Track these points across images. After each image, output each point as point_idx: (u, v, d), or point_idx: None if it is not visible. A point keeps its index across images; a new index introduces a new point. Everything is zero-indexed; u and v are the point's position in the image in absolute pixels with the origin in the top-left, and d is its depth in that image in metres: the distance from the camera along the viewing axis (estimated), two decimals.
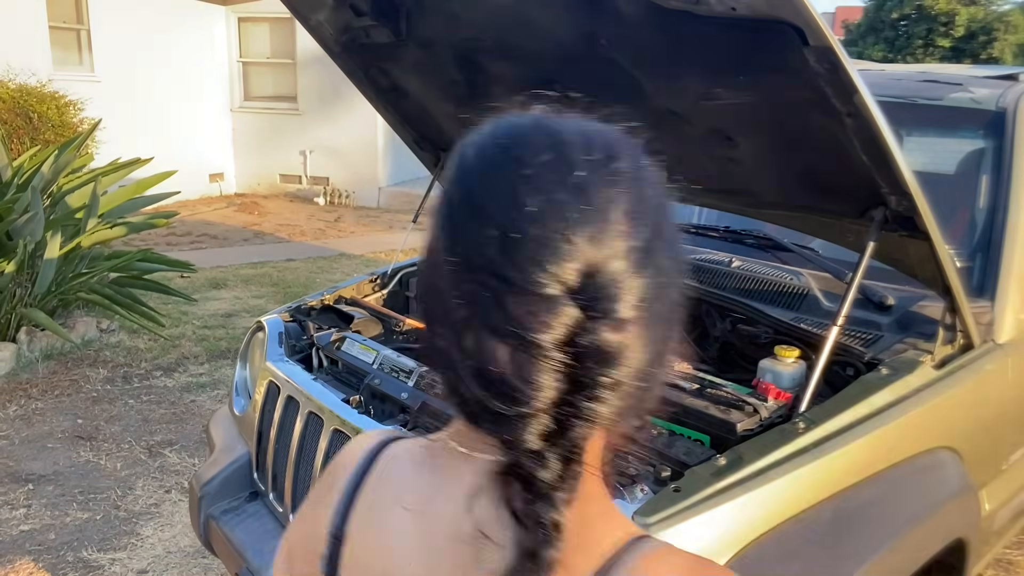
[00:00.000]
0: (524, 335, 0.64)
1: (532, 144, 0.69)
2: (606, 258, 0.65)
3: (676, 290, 0.71)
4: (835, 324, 1.88)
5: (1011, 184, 2.41)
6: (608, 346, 0.65)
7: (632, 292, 0.66)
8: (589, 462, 0.70)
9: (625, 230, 0.66)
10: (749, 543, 1.58)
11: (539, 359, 0.64)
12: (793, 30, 1.54)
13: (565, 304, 0.64)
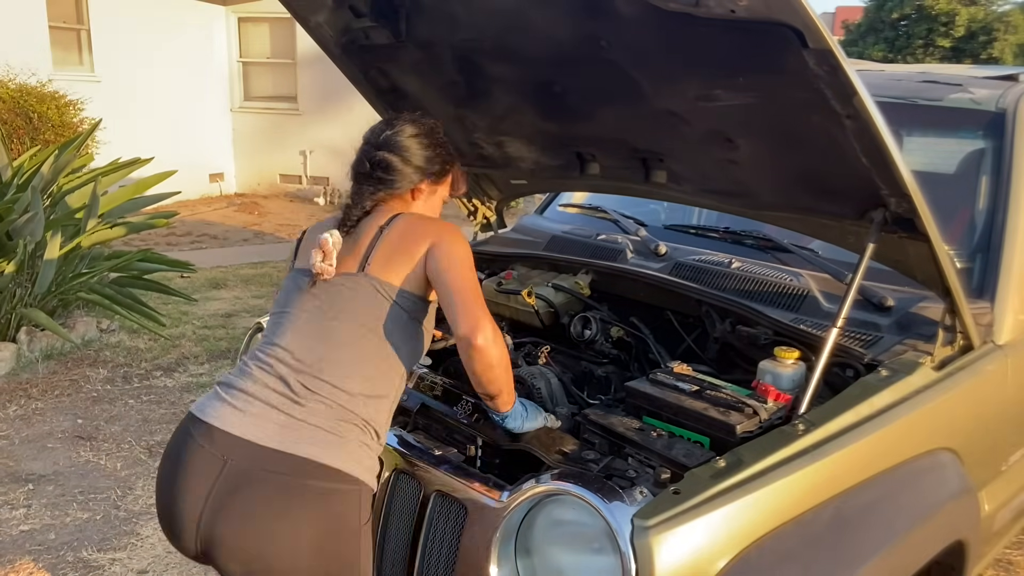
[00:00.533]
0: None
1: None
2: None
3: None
4: (835, 325, 1.88)
5: (1011, 185, 2.41)
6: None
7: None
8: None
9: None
10: (749, 545, 1.58)
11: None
12: (792, 32, 1.54)
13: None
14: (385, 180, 1.85)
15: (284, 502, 1.57)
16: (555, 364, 2.34)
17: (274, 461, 1.58)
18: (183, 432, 1.71)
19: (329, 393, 1.66)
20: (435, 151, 1.90)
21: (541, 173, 2.80)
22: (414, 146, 1.87)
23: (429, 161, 1.88)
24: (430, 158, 1.89)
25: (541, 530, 1.64)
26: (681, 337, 2.45)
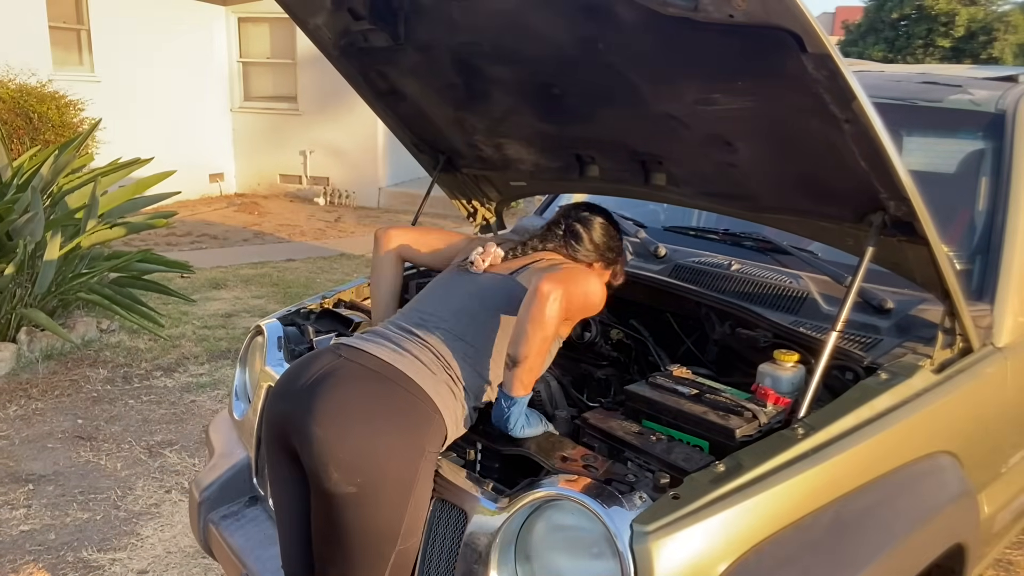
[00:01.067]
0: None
1: None
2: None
3: None
4: (834, 328, 1.88)
5: (1011, 186, 2.41)
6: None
7: None
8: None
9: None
10: (748, 550, 1.58)
11: None
12: (791, 37, 1.53)
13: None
14: (570, 245, 2.18)
15: (375, 388, 1.81)
16: (554, 367, 2.34)
17: (378, 364, 1.84)
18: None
19: (438, 346, 1.92)
20: (614, 243, 2.24)
21: (540, 175, 2.80)
22: (600, 231, 2.21)
23: (608, 249, 2.21)
24: (609, 246, 2.22)
25: (540, 535, 1.64)
26: (680, 339, 2.45)
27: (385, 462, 1.72)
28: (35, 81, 9.00)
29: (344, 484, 1.70)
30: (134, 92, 10.72)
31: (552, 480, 1.66)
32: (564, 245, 2.18)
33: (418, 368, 1.86)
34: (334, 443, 1.71)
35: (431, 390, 1.83)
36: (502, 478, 1.82)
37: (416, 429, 1.78)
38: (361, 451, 1.71)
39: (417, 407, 1.80)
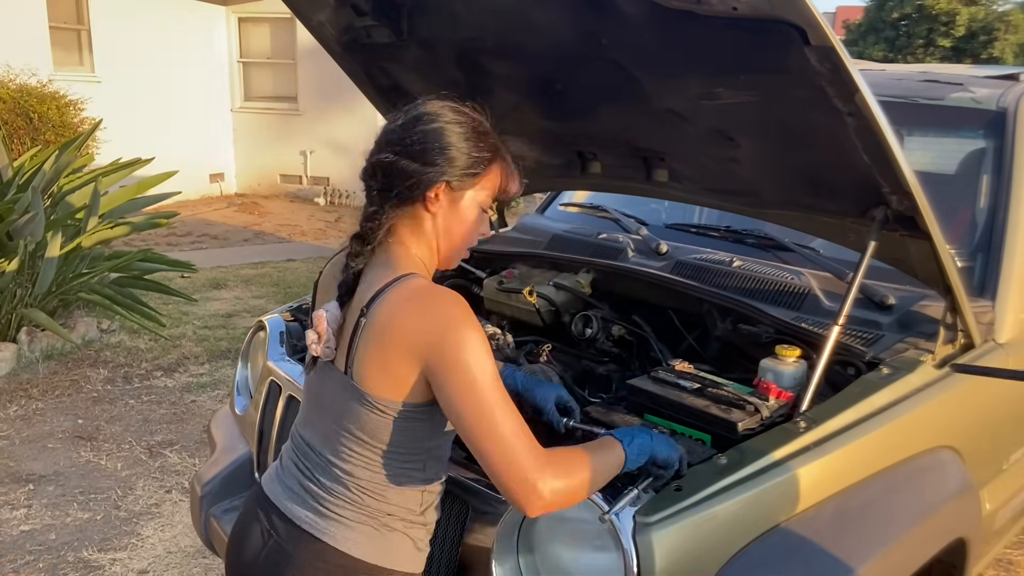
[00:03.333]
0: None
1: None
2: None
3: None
4: (836, 323, 1.88)
5: (1012, 184, 2.42)
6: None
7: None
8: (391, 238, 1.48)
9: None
10: (751, 542, 1.58)
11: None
12: (795, 30, 1.54)
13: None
14: (387, 188, 1.45)
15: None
16: (556, 363, 2.34)
17: (311, 553, 1.48)
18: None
19: (350, 482, 1.48)
20: (467, 141, 1.46)
21: (542, 172, 2.80)
22: (426, 133, 1.44)
23: (446, 153, 1.44)
24: (445, 148, 1.43)
25: (543, 527, 1.64)
26: (682, 336, 2.45)
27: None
28: (35, 81, 9.01)
29: None
30: (134, 92, 10.72)
31: None
32: (384, 197, 1.45)
33: (351, 534, 1.47)
34: None
35: (377, 555, 1.48)
36: None
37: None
38: None
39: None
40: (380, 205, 1.46)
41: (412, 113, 1.46)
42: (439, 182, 1.44)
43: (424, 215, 1.47)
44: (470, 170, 1.46)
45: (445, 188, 1.45)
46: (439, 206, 1.46)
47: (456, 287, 2.89)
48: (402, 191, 1.43)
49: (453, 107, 1.48)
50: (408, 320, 1.37)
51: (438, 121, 1.44)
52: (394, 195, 1.44)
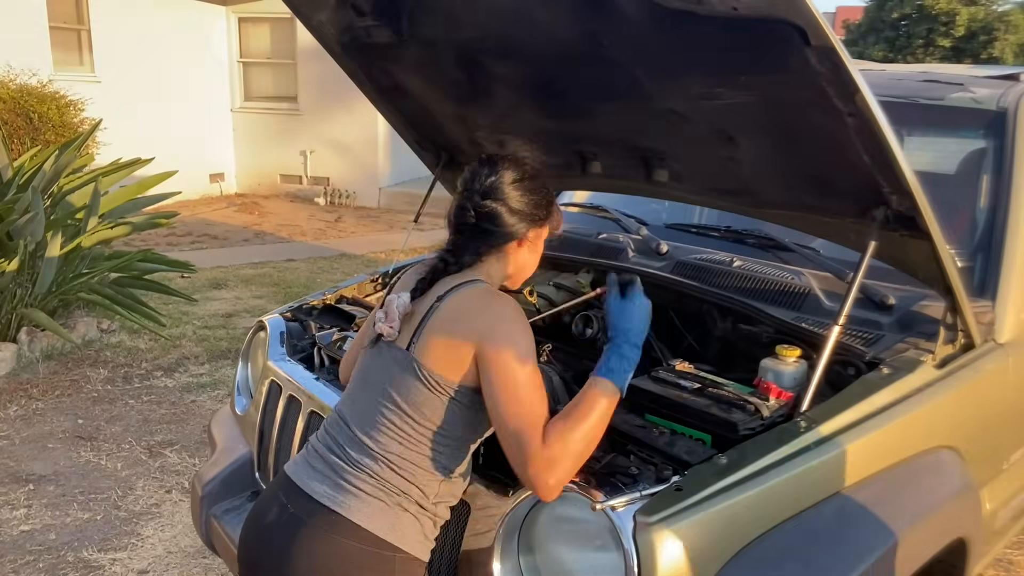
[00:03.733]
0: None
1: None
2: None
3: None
4: (836, 324, 1.88)
5: (1012, 184, 2.42)
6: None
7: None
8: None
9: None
10: (751, 542, 1.58)
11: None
12: (795, 30, 1.54)
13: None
14: (492, 232, 1.70)
15: (327, 559, 1.58)
16: (557, 362, 2.34)
17: (326, 523, 1.59)
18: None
19: (377, 459, 1.62)
20: (539, 196, 1.75)
21: None
22: (518, 194, 1.72)
23: (536, 207, 1.74)
24: (537, 203, 1.74)
25: (544, 527, 1.64)
26: (683, 335, 2.45)
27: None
28: (35, 81, 9.00)
29: None
30: (135, 92, 10.72)
31: None
32: (487, 237, 1.71)
33: (365, 507, 1.59)
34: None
35: (387, 530, 1.58)
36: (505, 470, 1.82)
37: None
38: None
39: (374, 562, 1.58)
40: (482, 241, 1.71)
41: (504, 170, 1.73)
42: (531, 229, 1.74)
43: (512, 249, 1.74)
44: (548, 216, 1.78)
45: (535, 231, 1.76)
46: (530, 244, 1.76)
47: None
48: (505, 235, 1.71)
49: (532, 166, 1.77)
50: (472, 310, 1.62)
51: (529, 182, 1.74)
52: (496, 237, 1.71)
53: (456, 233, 1.74)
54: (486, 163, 1.75)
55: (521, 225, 1.72)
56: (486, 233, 1.70)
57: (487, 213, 1.70)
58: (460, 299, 1.64)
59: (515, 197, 1.71)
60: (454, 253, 1.71)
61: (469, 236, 1.71)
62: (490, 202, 1.70)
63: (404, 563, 1.59)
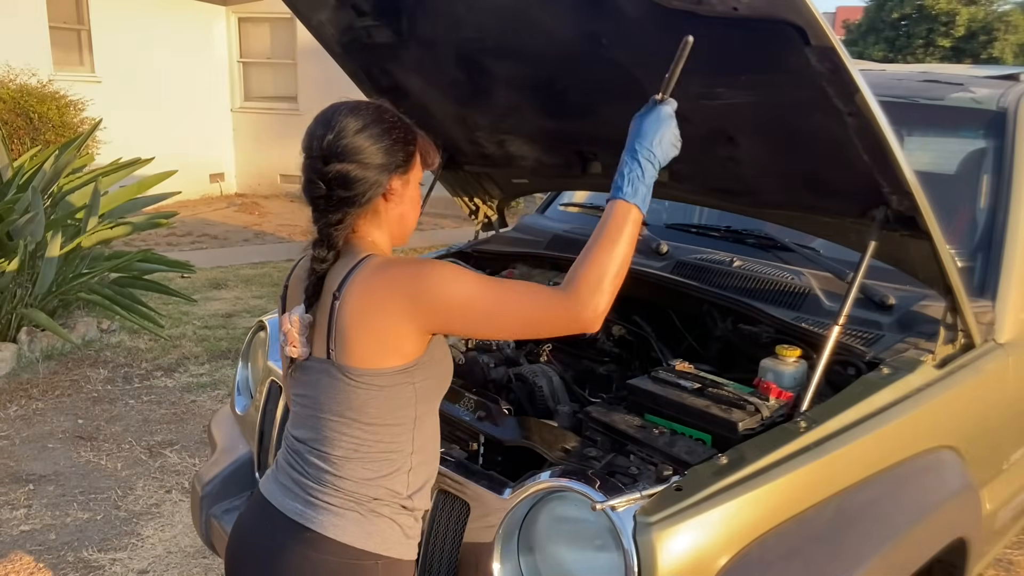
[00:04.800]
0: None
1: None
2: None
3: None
4: (836, 323, 1.88)
5: (1012, 184, 2.42)
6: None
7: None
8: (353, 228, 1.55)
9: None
10: (751, 542, 1.58)
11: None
12: (795, 30, 1.54)
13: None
14: (349, 198, 1.51)
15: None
16: (557, 362, 2.34)
17: (305, 542, 1.52)
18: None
19: (336, 470, 1.54)
20: (392, 138, 1.54)
21: (542, 172, 2.80)
22: (366, 143, 1.51)
23: (390, 153, 1.53)
24: (389, 148, 1.53)
25: (544, 527, 1.64)
26: (683, 335, 2.45)
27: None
28: (35, 81, 9.01)
29: None
30: (134, 92, 10.73)
31: (555, 472, 1.66)
32: (345, 205, 1.52)
33: (338, 520, 1.52)
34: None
35: (364, 539, 1.52)
36: (505, 471, 1.83)
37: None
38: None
39: (356, 573, 1.52)
40: (342, 211, 1.52)
41: (343, 122, 1.51)
42: (394, 175, 1.55)
43: (383, 206, 1.57)
44: (409, 157, 1.58)
45: (398, 179, 1.56)
46: (397, 195, 1.58)
47: None
48: (364, 194, 1.51)
49: (375, 107, 1.57)
50: (380, 288, 1.47)
51: (375, 126, 1.53)
52: (357, 201, 1.51)
53: (314, 211, 1.54)
54: (320, 120, 1.53)
55: (382, 177, 1.52)
56: (344, 201, 1.51)
57: (335, 178, 1.49)
58: (360, 281, 1.48)
59: (362, 149, 1.50)
60: (324, 239, 1.52)
61: (328, 210, 1.51)
62: (335, 164, 1.48)
63: (388, 568, 1.53)
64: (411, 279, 1.46)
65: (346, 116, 1.52)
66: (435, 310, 1.45)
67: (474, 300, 1.46)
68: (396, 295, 1.46)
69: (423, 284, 1.45)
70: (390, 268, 1.49)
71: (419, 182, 1.64)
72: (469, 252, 3.06)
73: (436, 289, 1.45)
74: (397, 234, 1.63)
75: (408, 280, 1.46)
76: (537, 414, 2.09)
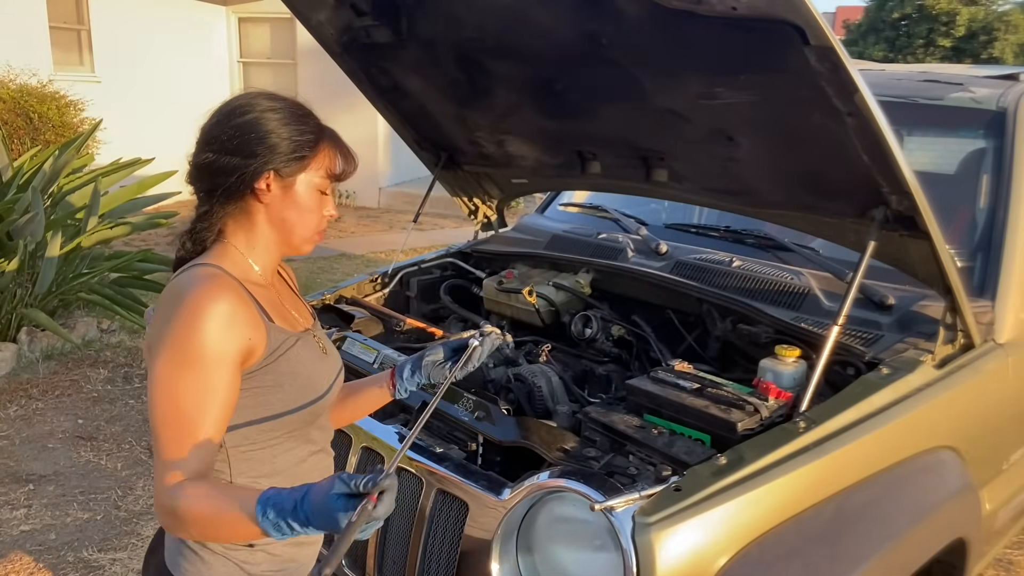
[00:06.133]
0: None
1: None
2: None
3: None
4: (836, 324, 1.88)
5: (1012, 184, 2.41)
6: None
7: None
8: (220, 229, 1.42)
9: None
10: (750, 542, 1.58)
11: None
12: (794, 29, 1.54)
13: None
14: (215, 190, 1.39)
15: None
16: (556, 362, 2.34)
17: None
18: None
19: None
20: (273, 132, 1.38)
21: (542, 172, 2.80)
22: (234, 133, 1.37)
23: (263, 145, 1.37)
24: (262, 142, 1.37)
25: (542, 527, 1.64)
26: (682, 336, 2.45)
27: None
28: (35, 81, 9.00)
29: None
30: (134, 92, 10.72)
31: (554, 472, 1.66)
32: (208, 198, 1.42)
33: (176, 557, 1.42)
34: None
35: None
36: (503, 471, 1.82)
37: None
38: None
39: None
40: (210, 205, 1.41)
41: (225, 109, 1.41)
42: (265, 172, 1.38)
43: (257, 208, 1.41)
44: (295, 154, 1.39)
45: (274, 177, 1.39)
46: (271, 196, 1.40)
47: (455, 287, 2.90)
48: (229, 187, 1.38)
49: (267, 95, 1.43)
50: (156, 315, 1.34)
51: (252, 111, 1.39)
52: (220, 193, 1.39)
53: (197, 204, 1.44)
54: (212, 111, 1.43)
55: (247, 171, 1.36)
56: (210, 193, 1.40)
57: (201, 165, 1.39)
58: (159, 301, 1.37)
59: (229, 138, 1.36)
60: (188, 229, 1.43)
61: (200, 203, 1.42)
62: (199, 151, 1.39)
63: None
64: (165, 309, 1.32)
65: (233, 103, 1.41)
66: (153, 347, 1.30)
67: (162, 375, 1.28)
68: (153, 324, 1.33)
69: (164, 325, 1.29)
70: (163, 299, 1.35)
71: (319, 189, 1.43)
72: (469, 252, 3.07)
73: (155, 351, 1.29)
74: (282, 241, 1.44)
75: (154, 326, 1.32)
76: (536, 414, 2.09)
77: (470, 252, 3.06)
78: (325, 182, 1.44)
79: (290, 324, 1.47)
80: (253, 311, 1.36)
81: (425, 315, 2.86)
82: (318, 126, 1.44)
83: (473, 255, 3.04)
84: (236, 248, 1.43)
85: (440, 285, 2.89)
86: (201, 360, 1.28)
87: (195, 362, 1.28)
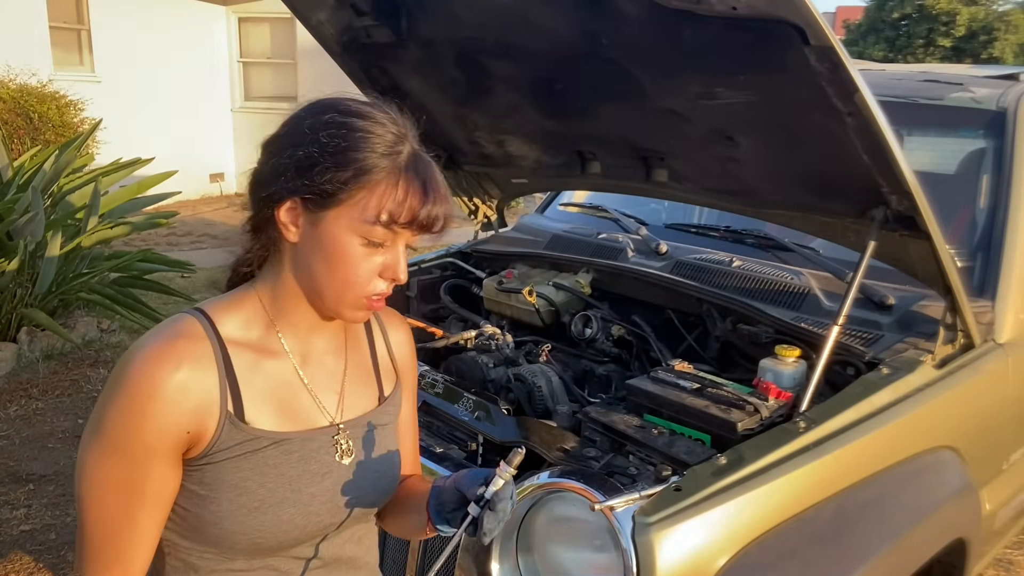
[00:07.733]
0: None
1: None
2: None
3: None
4: (836, 323, 1.88)
5: (1012, 184, 2.41)
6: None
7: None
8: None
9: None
10: (750, 542, 1.58)
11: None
12: (794, 29, 1.54)
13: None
14: (252, 219, 1.11)
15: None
16: (556, 362, 2.34)
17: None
18: None
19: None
20: (313, 148, 1.03)
21: (542, 172, 2.80)
22: (276, 143, 1.11)
23: (298, 164, 1.04)
24: (296, 158, 1.05)
25: (542, 527, 1.64)
26: (682, 336, 2.45)
27: None
28: (35, 81, 9.00)
29: None
30: (134, 92, 10.72)
31: (554, 472, 1.66)
32: (254, 243, 1.13)
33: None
34: None
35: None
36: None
37: None
38: None
39: None
40: (253, 237, 1.12)
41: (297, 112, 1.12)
42: (288, 198, 1.04)
43: (284, 246, 1.09)
44: (328, 186, 1.02)
45: (302, 207, 1.05)
46: (299, 234, 1.06)
47: (455, 287, 2.90)
48: (256, 207, 1.09)
49: (348, 101, 1.09)
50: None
51: (311, 117, 1.07)
52: (259, 229, 1.10)
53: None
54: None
55: (272, 188, 1.05)
56: (250, 222, 1.11)
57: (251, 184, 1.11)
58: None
59: (269, 149, 1.11)
60: (235, 262, 1.17)
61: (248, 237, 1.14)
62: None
63: None
64: (105, 390, 1.04)
65: (310, 104, 1.13)
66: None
67: (83, 459, 1.04)
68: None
69: (97, 406, 1.04)
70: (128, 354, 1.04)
71: (367, 237, 1.04)
72: (469, 252, 3.06)
73: (91, 425, 1.04)
74: (311, 293, 1.09)
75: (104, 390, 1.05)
76: (536, 414, 2.09)
77: (470, 252, 3.06)
78: (378, 230, 1.04)
79: (289, 417, 1.11)
80: (207, 394, 1.03)
81: (425, 315, 2.86)
82: (389, 148, 1.05)
83: (473, 255, 3.04)
84: (259, 299, 1.12)
85: (440, 285, 2.89)
86: (127, 449, 1.01)
87: (120, 450, 1.01)
